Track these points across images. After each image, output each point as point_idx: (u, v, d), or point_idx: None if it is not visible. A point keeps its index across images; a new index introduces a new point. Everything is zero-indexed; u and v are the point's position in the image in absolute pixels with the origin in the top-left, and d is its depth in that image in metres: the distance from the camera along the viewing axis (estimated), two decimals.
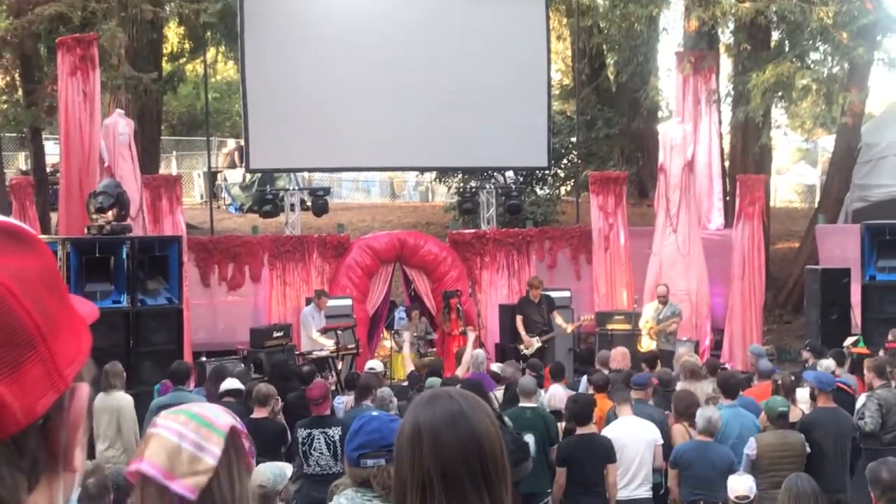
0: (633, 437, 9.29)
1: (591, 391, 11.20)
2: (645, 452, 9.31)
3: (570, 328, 16.86)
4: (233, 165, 31.96)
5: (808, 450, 9.04)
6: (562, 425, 10.13)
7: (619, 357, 13.00)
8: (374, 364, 13.20)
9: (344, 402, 11.52)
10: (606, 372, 12.35)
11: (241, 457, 2.17)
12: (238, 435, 2.17)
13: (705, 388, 10.91)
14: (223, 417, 2.19)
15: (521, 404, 9.81)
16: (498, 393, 11.32)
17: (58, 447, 1.09)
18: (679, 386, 11.25)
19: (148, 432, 2.21)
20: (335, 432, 8.98)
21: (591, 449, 8.98)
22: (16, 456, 1.05)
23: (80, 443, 1.13)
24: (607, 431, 9.31)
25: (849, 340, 14.26)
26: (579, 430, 9.11)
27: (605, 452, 8.97)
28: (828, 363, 12.03)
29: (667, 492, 9.46)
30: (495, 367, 13.38)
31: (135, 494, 2.17)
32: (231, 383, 10.67)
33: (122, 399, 10.42)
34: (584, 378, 12.85)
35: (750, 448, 8.95)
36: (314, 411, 9.34)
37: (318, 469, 8.99)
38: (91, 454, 9.83)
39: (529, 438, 9.42)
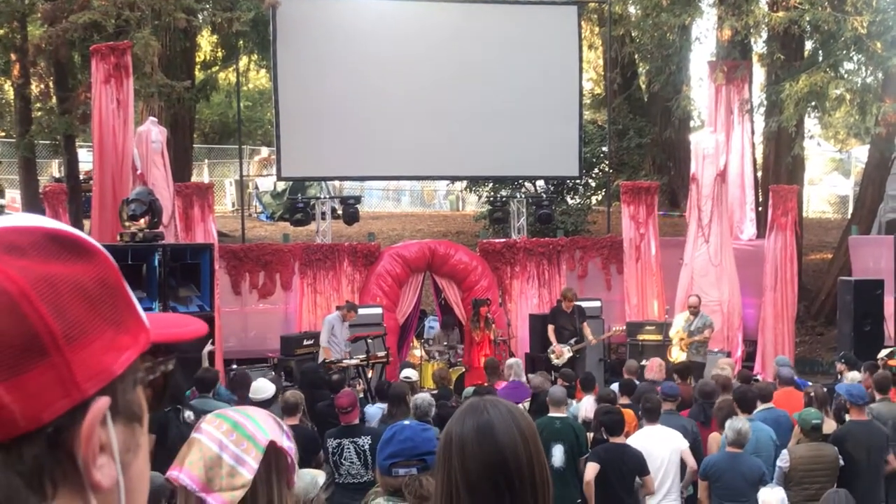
0: (658, 445, 9.22)
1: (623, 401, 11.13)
2: (670, 460, 9.24)
3: (594, 340, 16.74)
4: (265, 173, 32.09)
5: (842, 463, 8.95)
6: (591, 435, 10.08)
7: (656, 368, 12.95)
8: (409, 373, 13.11)
9: (383, 409, 11.34)
10: (637, 381, 12.33)
11: (281, 473, 2.14)
12: (279, 451, 2.14)
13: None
14: (264, 432, 2.16)
15: (550, 414, 9.76)
16: (525, 404, 11.21)
17: (76, 460, 1.08)
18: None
19: (191, 437, 2.21)
20: (365, 441, 8.97)
21: (623, 457, 8.90)
22: (14, 459, 1.03)
23: (98, 458, 1.10)
24: (632, 440, 9.24)
25: (883, 352, 14.12)
26: (612, 440, 9.04)
27: (637, 463, 8.89)
28: (854, 375, 12.01)
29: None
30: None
31: (180, 497, 2.17)
32: (260, 392, 10.55)
33: None
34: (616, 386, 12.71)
35: (783, 460, 8.87)
36: (343, 420, 9.33)
37: (350, 478, 8.98)
38: None
39: (558, 449, 9.36)
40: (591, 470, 8.87)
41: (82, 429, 1.06)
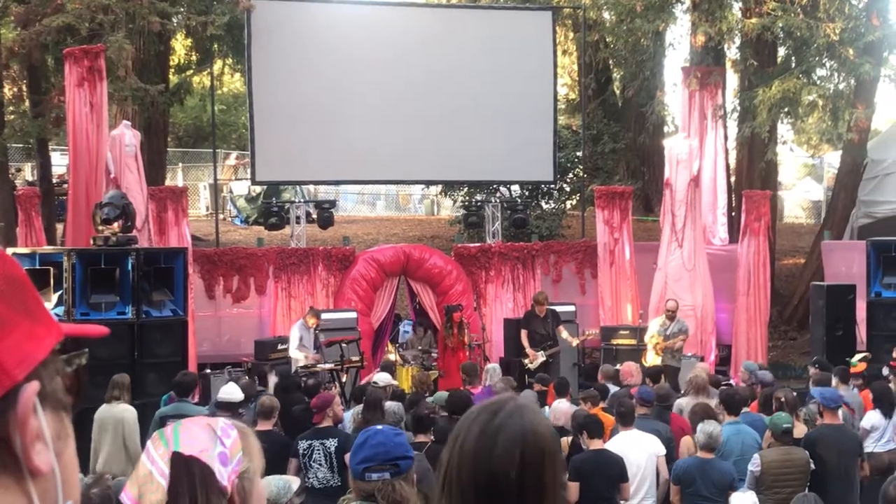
0: (634, 449, 9.23)
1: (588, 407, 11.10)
2: (647, 465, 9.26)
3: (575, 341, 16.80)
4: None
5: (813, 466, 8.99)
6: (566, 440, 10.06)
7: (635, 372, 13.02)
8: (379, 377, 13.07)
9: (352, 414, 11.24)
10: (617, 387, 12.40)
11: (207, 483, 2.10)
12: (189, 461, 2.11)
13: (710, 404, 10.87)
14: (177, 443, 2.14)
15: None
16: None
17: (14, 446, 1.10)
18: (686, 401, 11.23)
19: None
20: (332, 443, 8.88)
21: (603, 465, 8.88)
22: None
23: (35, 443, 1.13)
24: (609, 445, 9.24)
25: (857, 357, 14.19)
26: (591, 446, 9.03)
27: (617, 470, 8.86)
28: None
29: None
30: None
31: None
32: (227, 394, 10.42)
33: (125, 411, 10.31)
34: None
35: (753, 464, 8.90)
36: (313, 421, 9.29)
37: (317, 482, 8.89)
38: (83, 465, 9.79)
39: None
40: (574, 490, 8.83)
41: (17, 413, 1.10)
